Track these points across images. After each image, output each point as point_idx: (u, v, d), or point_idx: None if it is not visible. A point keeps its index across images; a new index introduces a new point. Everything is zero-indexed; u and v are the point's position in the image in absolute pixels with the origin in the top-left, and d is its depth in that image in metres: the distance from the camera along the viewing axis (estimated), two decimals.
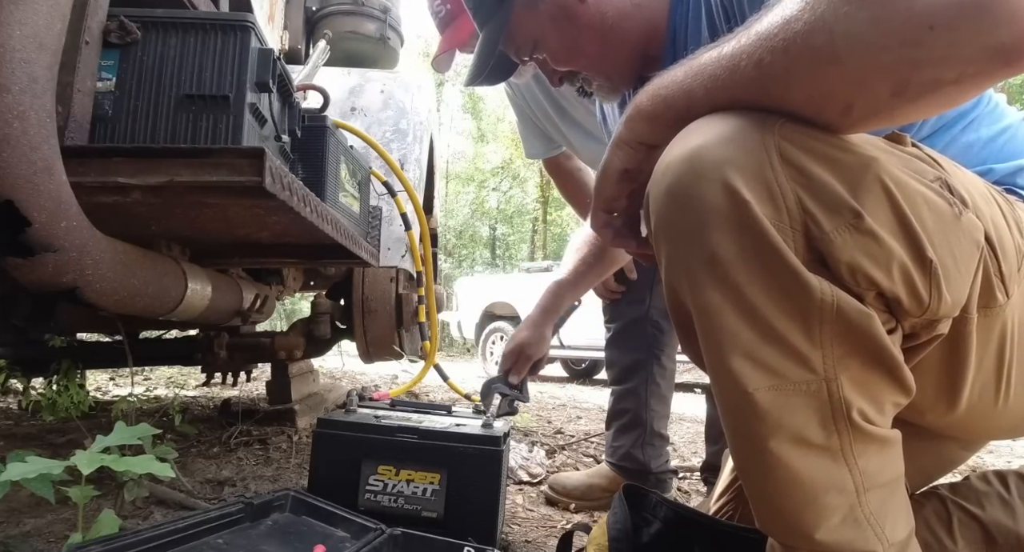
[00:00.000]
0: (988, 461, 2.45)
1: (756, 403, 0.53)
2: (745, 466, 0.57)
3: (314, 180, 1.22)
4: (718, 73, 0.55)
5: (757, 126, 0.53)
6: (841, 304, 0.52)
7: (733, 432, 0.57)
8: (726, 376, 0.54)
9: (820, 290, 0.51)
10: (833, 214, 0.52)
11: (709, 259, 0.54)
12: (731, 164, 0.52)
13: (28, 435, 1.99)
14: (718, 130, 0.54)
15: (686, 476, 1.89)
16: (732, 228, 0.52)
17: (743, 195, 0.52)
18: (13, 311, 1.33)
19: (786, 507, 0.55)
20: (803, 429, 0.53)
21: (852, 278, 0.52)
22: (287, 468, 1.72)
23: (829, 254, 0.52)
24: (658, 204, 0.58)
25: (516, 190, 21.30)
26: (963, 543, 0.75)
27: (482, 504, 1.08)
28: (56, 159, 0.72)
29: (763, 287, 0.52)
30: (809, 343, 0.52)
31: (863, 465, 0.54)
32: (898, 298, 0.53)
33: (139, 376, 3.90)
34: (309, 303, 2.29)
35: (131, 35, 0.90)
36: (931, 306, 0.54)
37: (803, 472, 0.53)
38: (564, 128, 1.65)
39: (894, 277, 0.52)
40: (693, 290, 0.56)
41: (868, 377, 0.54)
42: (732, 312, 0.53)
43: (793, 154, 0.52)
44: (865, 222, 0.51)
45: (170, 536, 0.78)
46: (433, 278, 2.03)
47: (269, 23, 1.92)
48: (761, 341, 0.53)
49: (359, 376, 4.90)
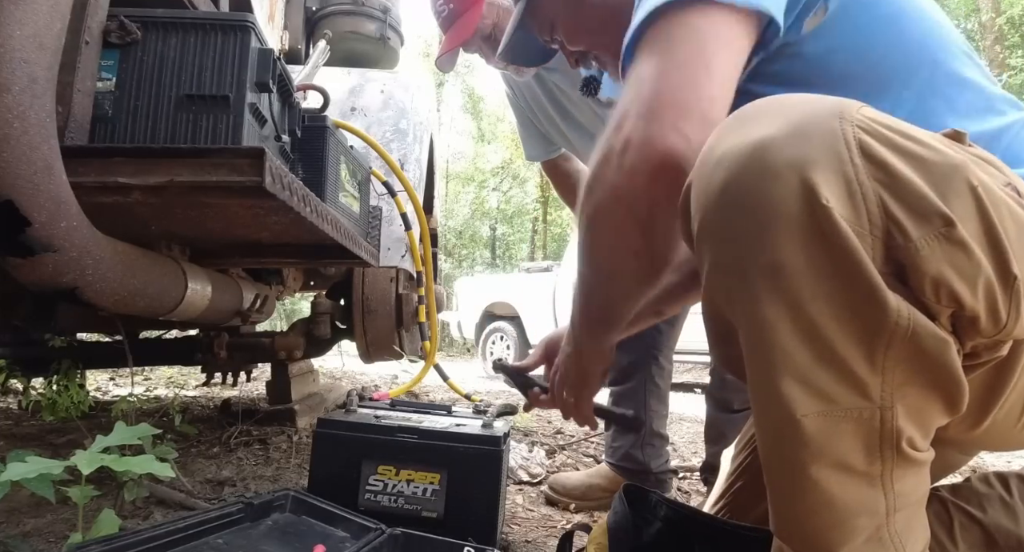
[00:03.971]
0: (988, 462, 2.45)
1: (803, 429, 0.49)
2: (779, 486, 0.54)
3: (314, 180, 1.22)
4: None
5: (832, 115, 0.48)
6: (917, 328, 0.47)
7: (771, 453, 0.54)
8: (773, 398, 0.50)
9: (897, 310, 0.46)
10: (922, 221, 0.46)
11: (771, 268, 0.48)
12: (808, 161, 0.47)
13: (28, 435, 1.99)
14: (785, 118, 0.49)
15: (686, 476, 1.89)
16: (804, 234, 0.47)
17: (822, 197, 0.46)
18: (13, 311, 1.33)
19: (812, 526, 0.52)
20: (847, 456, 0.49)
21: (935, 294, 0.47)
22: (287, 468, 1.72)
23: (913, 266, 0.46)
24: (708, 201, 0.52)
25: (516, 190, 21.29)
26: (964, 546, 0.74)
27: (482, 504, 1.08)
28: (56, 159, 0.72)
29: (829, 303, 0.47)
30: (870, 368, 0.48)
31: (899, 489, 0.51)
32: (977, 317, 0.48)
33: (139, 376, 3.90)
34: (309, 303, 2.29)
35: (131, 35, 0.90)
36: (1008, 327, 0.49)
37: (838, 497, 0.50)
38: (565, 127, 1.65)
39: (979, 294, 0.47)
40: (745, 302, 0.50)
41: (925, 404, 0.50)
42: (789, 329, 0.48)
43: (875, 149, 0.47)
44: (957, 231, 0.46)
45: (170, 536, 0.78)
46: (433, 278, 2.03)
47: (269, 23, 1.92)
48: (817, 364, 0.48)
49: (359, 376, 4.90)
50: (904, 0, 0.72)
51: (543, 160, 1.82)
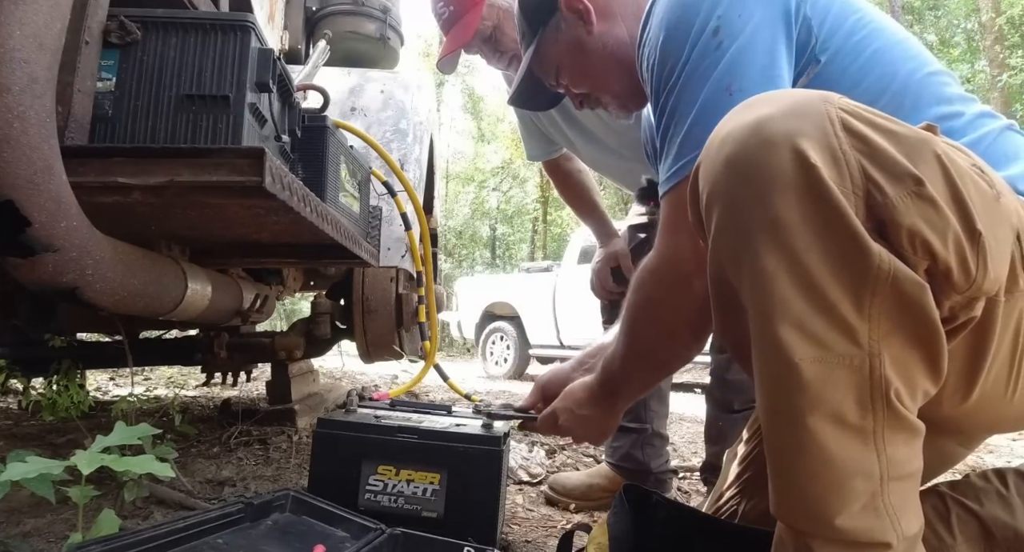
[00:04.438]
0: (988, 461, 2.45)
1: (801, 374, 0.54)
2: (778, 443, 0.58)
3: (314, 180, 1.21)
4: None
5: (819, 100, 0.57)
6: (897, 273, 0.53)
7: (770, 406, 0.58)
8: (772, 345, 0.55)
9: (879, 256, 0.53)
10: (896, 181, 0.53)
11: (770, 223, 0.55)
12: (799, 132, 0.55)
13: (28, 435, 1.99)
14: (780, 103, 0.58)
15: (686, 476, 1.89)
16: (798, 193, 0.54)
17: (812, 160, 0.54)
18: (13, 311, 1.33)
19: (811, 490, 0.55)
20: (841, 405, 0.54)
21: (911, 244, 0.53)
22: (287, 468, 1.72)
23: (891, 220, 0.53)
24: (715, 173, 0.60)
25: (516, 190, 21.29)
26: (961, 539, 0.75)
27: (482, 504, 1.08)
28: (56, 159, 0.72)
29: (821, 252, 0.54)
30: (858, 314, 0.53)
31: (891, 453, 0.55)
32: (949, 269, 0.54)
33: (139, 376, 3.90)
34: (309, 303, 2.29)
35: (131, 35, 0.90)
36: (977, 280, 0.55)
37: (836, 453, 0.54)
38: (567, 128, 1.65)
39: (949, 246, 0.53)
40: (749, 257, 0.57)
41: (908, 357, 0.55)
42: (786, 278, 0.54)
43: (855, 125, 0.55)
44: (926, 189, 0.53)
45: (170, 536, 0.78)
46: (433, 278, 2.03)
47: (269, 23, 1.92)
48: (812, 311, 0.54)
49: (359, 376, 4.90)
50: (880, 35, 0.81)
51: (544, 160, 1.82)
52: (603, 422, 0.99)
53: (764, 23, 0.77)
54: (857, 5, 0.83)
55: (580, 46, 1.00)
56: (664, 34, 0.81)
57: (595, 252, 1.80)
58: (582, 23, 0.99)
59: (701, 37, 0.77)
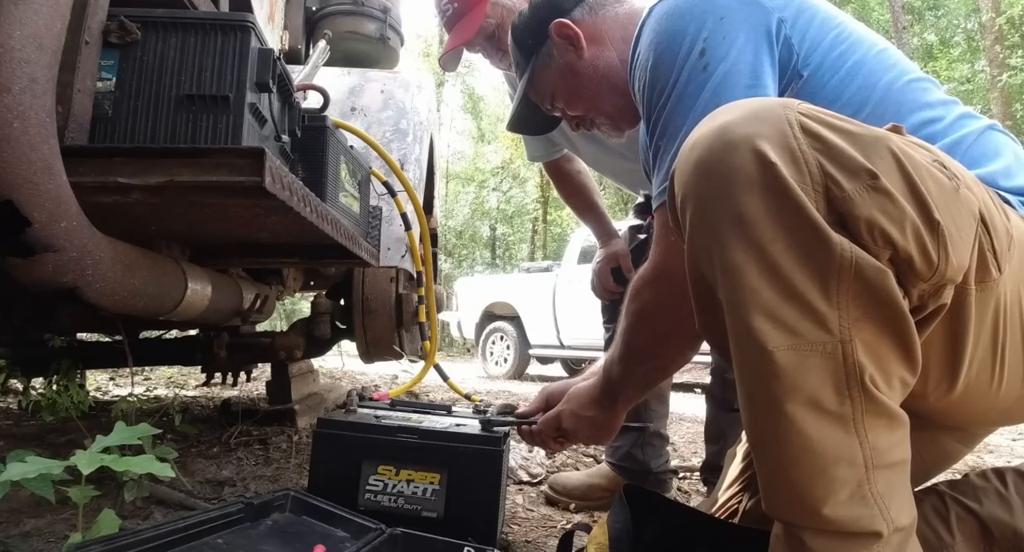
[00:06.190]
0: (988, 461, 2.45)
1: (775, 362, 0.55)
2: (759, 433, 0.59)
3: (314, 180, 1.21)
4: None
5: (778, 106, 0.60)
6: (859, 261, 0.54)
7: (749, 396, 0.59)
8: (746, 335, 0.57)
9: (840, 246, 0.55)
10: (852, 176, 0.56)
11: (736, 219, 0.58)
12: (758, 134, 0.58)
13: (28, 435, 1.99)
14: (743, 110, 0.61)
15: (686, 476, 1.89)
16: (760, 189, 0.57)
17: (770, 158, 0.57)
18: (13, 311, 1.33)
19: (796, 478, 0.56)
20: (818, 392, 0.55)
21: (870, 235, 0.55)
22: (287, 468, 1.72)
23: (849, 213, 0.55)
24: (686, 177, 0.63)
25: (516, 190, 21.28)
26: (960, 537, 0.76)
27: (482, 504, 1.08)
28: (56, 159, 0.72)
29: (786, 244, 0.56)
30: (827, 302, 0.55)
31: (873, 440, 0.55)
32: (911, 257, 0.56)
33: (139, 376, 3.90)
34: (309, 303, 2.29)
35: (131, 35, 0.90)
36: (939, 267, 0.56)
37: (815, 439, 0.55)
38: (568, 129, 1.65)
39: (907, 235, 0.55)
40: (719, 251, 0.59)
41: (880, 343, 0.56)
42: (755, 270, 0.56)
43: (812, 127, 0.58)
44: (881, 182, 0.55)
45: (170, 536, 0.78)
46: (433, 278, 2.03)
47: (269, 23, 1.91)
48: (781, 299, 0.56)
49: (359, 376, 4.90)
50: (859, 48, 0.84)
51: (545, 160, 1.82)
52: (606, 423, 1.01)
53: (748, 44, 0.81)
54: (836, 21, 0.87)
55: (572, 70, 1.05)
56: (653, 57, 0.85)
57: (595, 252, 1.80)
58: (573, 49, 1.04)
59: (688, 59, 0.81)
